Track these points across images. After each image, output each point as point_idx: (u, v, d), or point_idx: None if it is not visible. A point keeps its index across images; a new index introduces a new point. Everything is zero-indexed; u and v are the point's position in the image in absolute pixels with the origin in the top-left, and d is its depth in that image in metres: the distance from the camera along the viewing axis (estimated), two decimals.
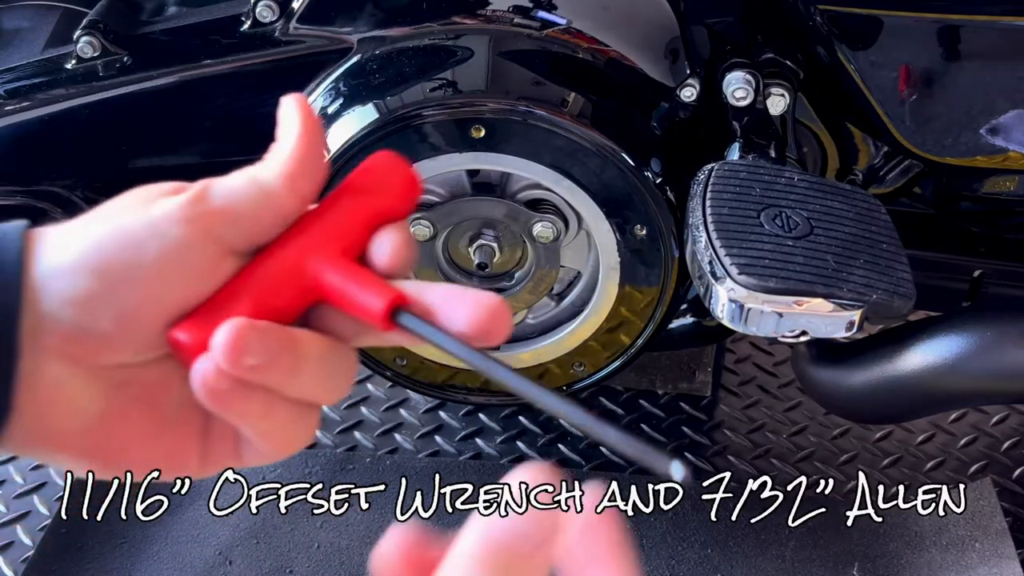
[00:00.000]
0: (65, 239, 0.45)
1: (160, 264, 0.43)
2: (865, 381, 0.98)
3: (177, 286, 0.44)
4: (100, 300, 0.43)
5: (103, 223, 0.45)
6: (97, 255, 0.43)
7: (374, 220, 0.49)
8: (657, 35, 1.02)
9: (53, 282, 0.43)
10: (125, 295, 0.43)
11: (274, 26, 1.01)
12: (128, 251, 0.43)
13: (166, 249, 0.44)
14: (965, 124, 0.96)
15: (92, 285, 0.43)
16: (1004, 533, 1.13)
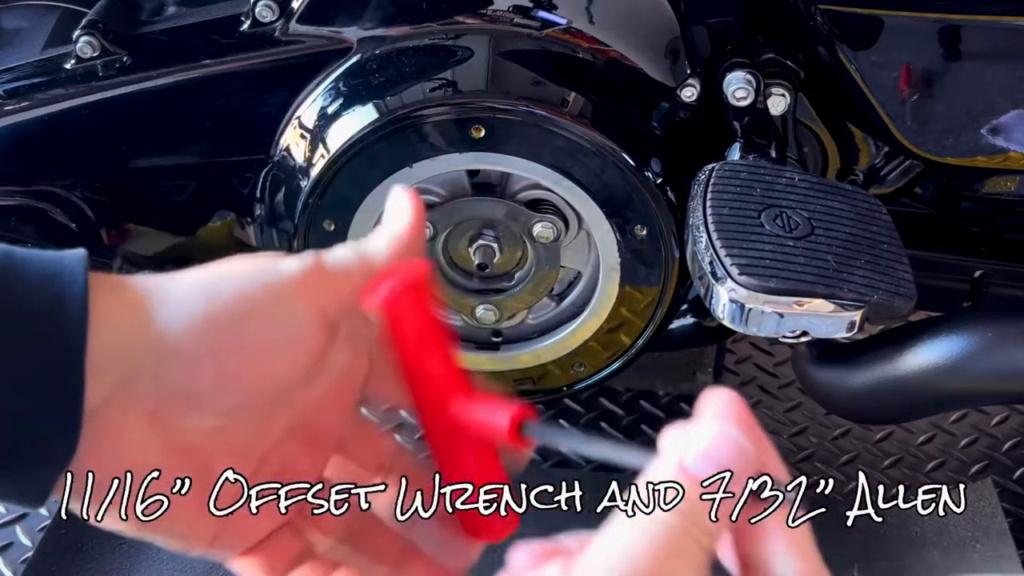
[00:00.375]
0: (181, 292, 0.43)
1: (275, 331, 0.43)
2: (866, 382, 0.98)
3: (284, 356, 0.44)
4: (208, 357, 0.42)
5: (221, 281, 0.44)
6: (215, 315, 0.42)
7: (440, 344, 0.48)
8: (657, 35, 1.02)
9: (168, 334, 0.42)
10: (234, 357, 0.43)
11: (274, 26, 1.01)
12: (248, 316, 0.43)
13: (284, 316, 0.43)
14: (966, 124, 0.96)
15: (207, 340, 0.42)
16: (1005, 534, 1.13)
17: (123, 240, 1.12)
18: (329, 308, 0.45)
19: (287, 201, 1.02)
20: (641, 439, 1.28)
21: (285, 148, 1.02)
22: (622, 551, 0.37)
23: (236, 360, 0.42)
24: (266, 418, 0.45)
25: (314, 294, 0.44)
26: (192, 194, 1.10)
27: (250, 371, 0.43)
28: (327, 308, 0.44)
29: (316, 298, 0.44)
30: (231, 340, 0.42)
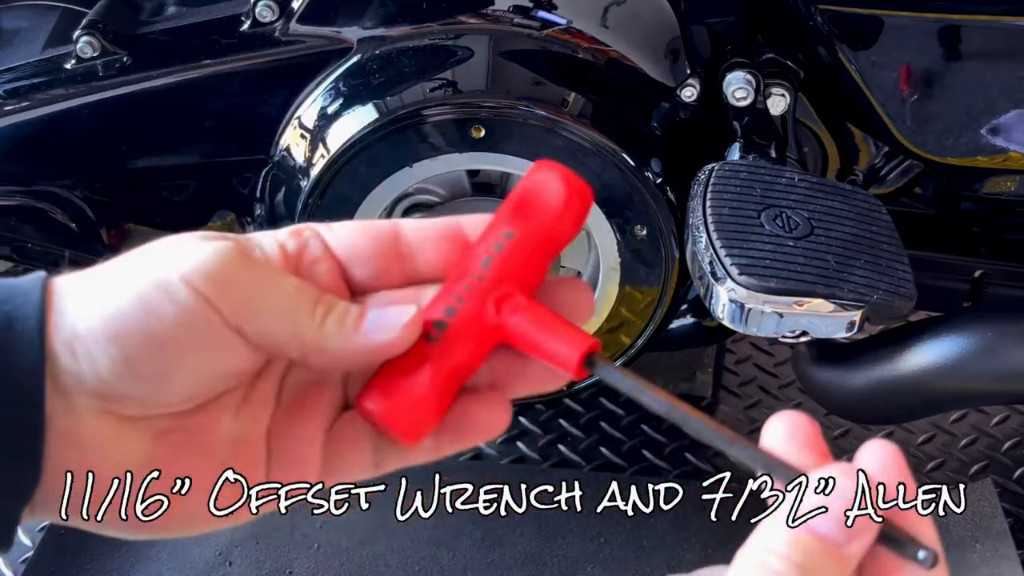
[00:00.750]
0: (87, 300, 0.42)
1: (179, 332, 0.41)
2: (866, 382, 0.98)
3: (202, 352, 0.42)
4: (124, 368, 0.41)
5: (123, 282, 0.42)
6: (114, 323, 0.41)
7: (549, 248, 0.45)
8: (657, 35, 1.02)
9: (78, 346, 0.41)
10: (148, 364, 0.41)
11: (274, 26, 1.01)
12: (145, 319, 0.41)
13: (182, 317, 0.41)
14: (966, 124, 0.96)
15: (114, 354, 0.41)
16: (1005, 534, 1.13)
17: (123, 240, 1.12)
18: (234, 322, 0.42)
19: (287, 201, 1.02)
20: (641, 439, 1.29)
21: (285, 148, 1.02)
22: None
23: (151, 363, 0.41)
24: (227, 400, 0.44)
25: (221, 304, 0.41)
26: (192, 194, 1.10)
27: (173, 368, 0.42)
28: (233, 322, 0.42)
29: (224, 311, 0.41)
30: (137, 344, 0.41)
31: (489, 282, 0.44)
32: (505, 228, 0.45)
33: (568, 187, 0.45)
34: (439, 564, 1.11)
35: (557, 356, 0.43)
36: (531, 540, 1.12)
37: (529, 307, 0.44)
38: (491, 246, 0.44)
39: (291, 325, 0.42)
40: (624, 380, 0.43)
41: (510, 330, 0.43)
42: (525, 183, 0.45)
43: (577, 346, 0.43)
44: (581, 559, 1.12)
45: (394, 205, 1.02)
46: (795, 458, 0.40)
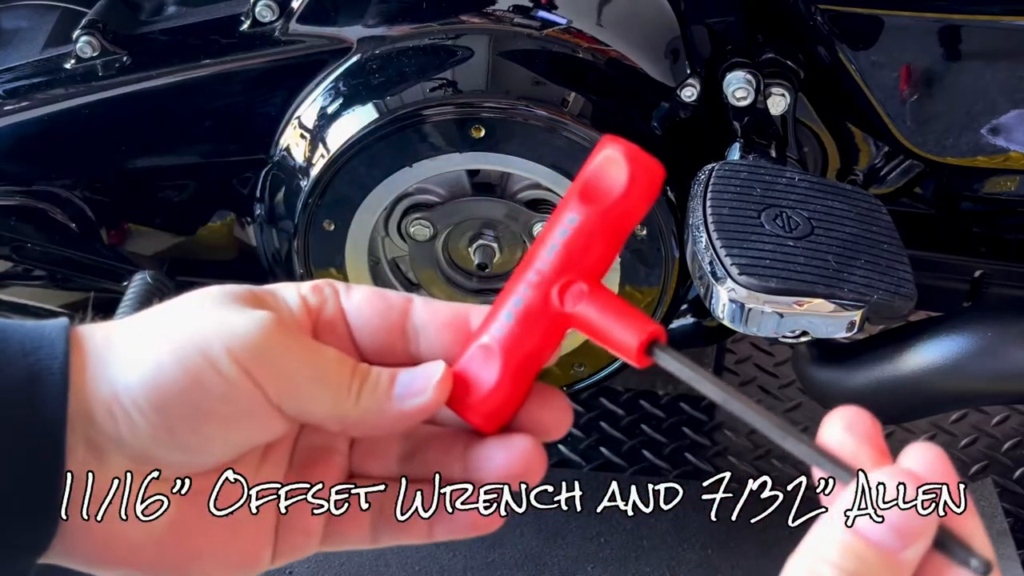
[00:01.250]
0: (128, 361, 0.41)
1: (223, 406, 0.41)
2: (866, 381, 0.98)
3: (242, 425, 0.42)
4: (165, 435, 0.41)
5: (165, 347, 0.41)
6: (158, 391, 0.41)
7: (615, 230, 0.44)
8: (657, 35, 1.02)
9: (117, 409, 0.41)
10: (189, 433, 0.41)
11: (274, 26, 1.01)
12: (191, 390, 0.41)
13: (228, 392, 0.41)
14: (966, 124, 0.96)
15: (156, 421, 0.41)
16: (1005, 533, 1.13)
17: (123, 240, 1.12)
18: (273, 398, 0.42)
19: (287, 201, 1.02)
20: (641, 439, 1.29)
21: (285, 148, 1.02)
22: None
23: (191, 435, 0.41)
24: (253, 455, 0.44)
25: (261, 379, 0.41)
26: (192, 194, 1.10)
27: (211, 439, 0.42)
28: (272, 398, 0.42)
29: (263, 385, 0.42)
30: (179, 416, 0.41)
31: (553, 271, 0.43)
32: (570, 213, 0.44)
33: (632, 164, 0.43)
34: (439, 564, 1.11)
35: (620, 344, 0.42)
36: (531, 540, 1.12)
37: (592, 294, 0.43)
38: (556, 232, 0.44)
39: (332, 403, 0.43)
40: (684, 370, 0.41)
41: (574, 318, 0.43)
42: (591, 163, 0.44)
43: (638, 334, 0.42)
44: (581, 559, 1.12)
45: (394, 205, 1.02)
46: (852, 454, 0.39)
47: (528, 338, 0.44)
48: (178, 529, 0.43)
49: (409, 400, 0.43)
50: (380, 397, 0.43)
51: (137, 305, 0.99)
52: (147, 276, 1.03)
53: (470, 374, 0.44)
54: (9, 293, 1.13)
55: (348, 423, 0.43)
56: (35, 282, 1.14)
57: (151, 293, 1.03)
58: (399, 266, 1.09)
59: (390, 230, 1.05)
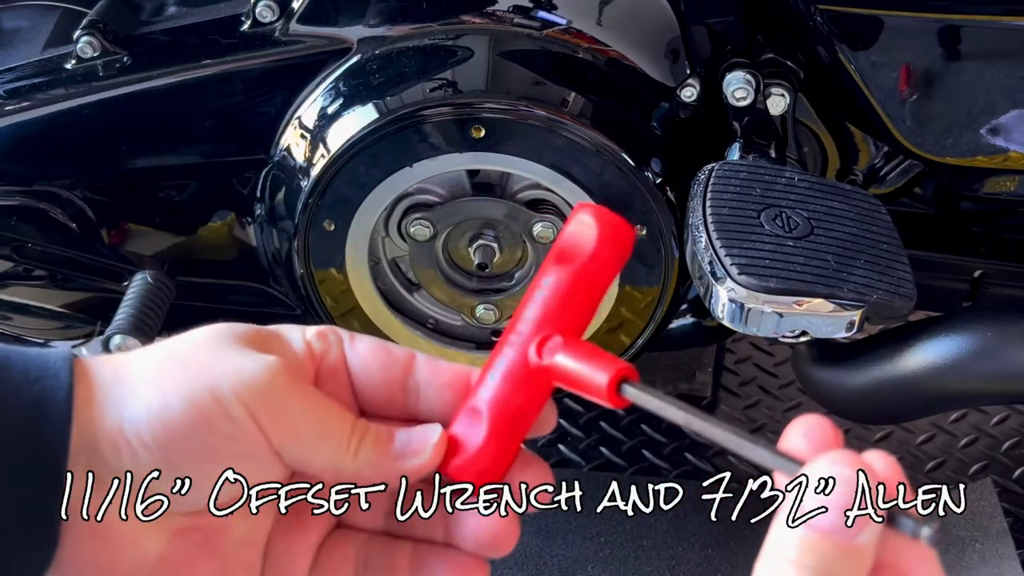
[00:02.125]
0: (136, 396, 0.42)
1: (226, 447, 0.42)
2: (865, 381, 0.98)
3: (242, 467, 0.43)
4: (167, 472, 0.42)
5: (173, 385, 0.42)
6: (165, 428, 0.41)
7: (589, 287, 0.47)
8: (657, 35, 1.02)
9: (123, 444, 0.41)
10: (191, 471, 0.42)
11: (274, 26, 1.01)
12: (197, 430, 0.42)
13: (234, 435, 0.42)
14: (965, 124, 0.96)
15: (160, 458, 0.41)
16: (1004, 533, 1.13)
17: (123, 240, 1.12)
18: (276, 444, 0.43)
19: (287, 201, 1.02)
20: (641, 439, 1.29)
21: (285, 148, 1.02)
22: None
23: (194, 472, 0.42)
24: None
25: (265, 425, 0.42)
26: (192, 194, 1.10)
27: (211, 477, 0.42)
28: (275, 444, 0.43)
29: (267, 431, 0.42)
30: (184, 455, 0.42)
31: (531, 329, 0.46)
32: (546, 275, 0.47)
33: (601, 225, 0.46)
34: None
35: (592, 387, 0.44)
36: (531, 540, 1.12)
37: (566, 345, 0.45)
38: (535, 294, 0.46)
39: (330, 456, 0.44)
40: (656, 402, 0.43)
41: (553, 371, 0.45)
42: (565, 229, 0.47)
43: (607, 374, 0.44)
44: (581, 559, 1.12)
45: (394, 205, 1.02)
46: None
47: (513, 397, 0.45)
48: (169, 561, 0.43)
49: (406, 460, 0.44)
50: (378, 454, 0.44)
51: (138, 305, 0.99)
52: (147, 276, 1.03)
53: (458, 436, 0.45)
54: (9, 293, 1.13)
55: (344, 477, 0.44)
56: (35, 282, 1.14)
57: (151, 293, 1.03)
58: (399, 266, 1.09)
59: (390, 230, 1.05)
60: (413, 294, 1.11)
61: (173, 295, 1.07)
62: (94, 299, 1.15)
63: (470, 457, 0.45)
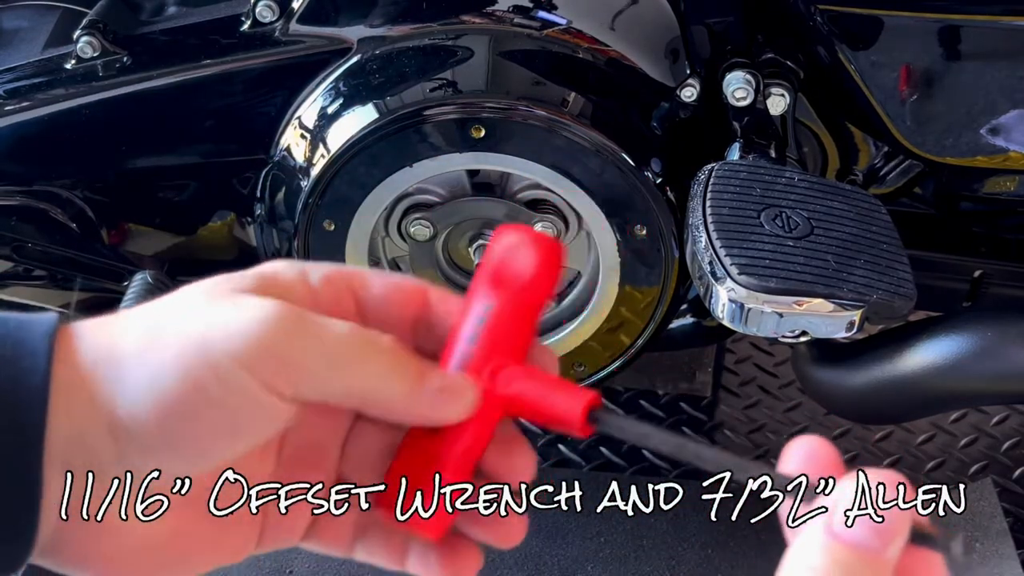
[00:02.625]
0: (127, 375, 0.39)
1: (232, 418, 0.40)
2: (865, 381, 0.98)
3: (248, 432, 0.41)
4: (168, 452, 0.40)
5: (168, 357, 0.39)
6: (162, 408, 0.39)
7: (530, 312, 0.46)
8: (657, 35, 1.02)
9: (120, 432, 0.39)
10: (192, 446, 0.40)
11: (274, 26, 1.01)
12: (197, 407, 0.39)
13: (239, 405, 0.40)
14: (965, 124, 0.96)
15: (160, 439, 0.39)
16: (1004, 533, 1.13)
17: (123, 240, 1.12)
18: (286, 390, 0.40)
19: (287, 201, 1.02)
20: None
21: (285, 148, 1.02)
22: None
23: (191, 444, 0.40)
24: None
25: (267, 375, 0.39)
26: (192, 194, 1.10)
27: (212, 446, 0.40)
28: (284, 390, 0.40)
29: (270, 381, 0.40)
30: (182, 428, 0.40)
31: (479, 359, 0.44)
32: (483, 302, 0.45)
33: (536, 247, 0.45)
34: None
35: (560, 418, 0.43)
36: (531, 540, 1.12)
37: (523, 374, 0.44)
38: (474, 321, 0.45)
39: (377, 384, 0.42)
40: (630, 429, 0.43)
41: (509, 401, 0.44)
42: (494, 251, 0.46)
43: (577, 403, 0.43)
44: (581, 559, 1.12)
45: (394, 205, 1.02)
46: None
47: (465, 430, 0.44)
48: (177, 536, 0.42)
49: (449, 406, 0.43)
50: (411, 378, 0.42)
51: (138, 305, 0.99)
52: (147, 276, 1.03)
53: (409, 474, 0.44)
54: (9, 293, 1.13)
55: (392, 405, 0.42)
56: (35, 282, 1.14)
57: (151, 293, 1.03)
58: (399, 266, 1.09)
59: (390, 230, 1.05)
60: None
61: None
62: (94, 299, 1.15)
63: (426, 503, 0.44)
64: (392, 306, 0.45)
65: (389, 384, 0.42)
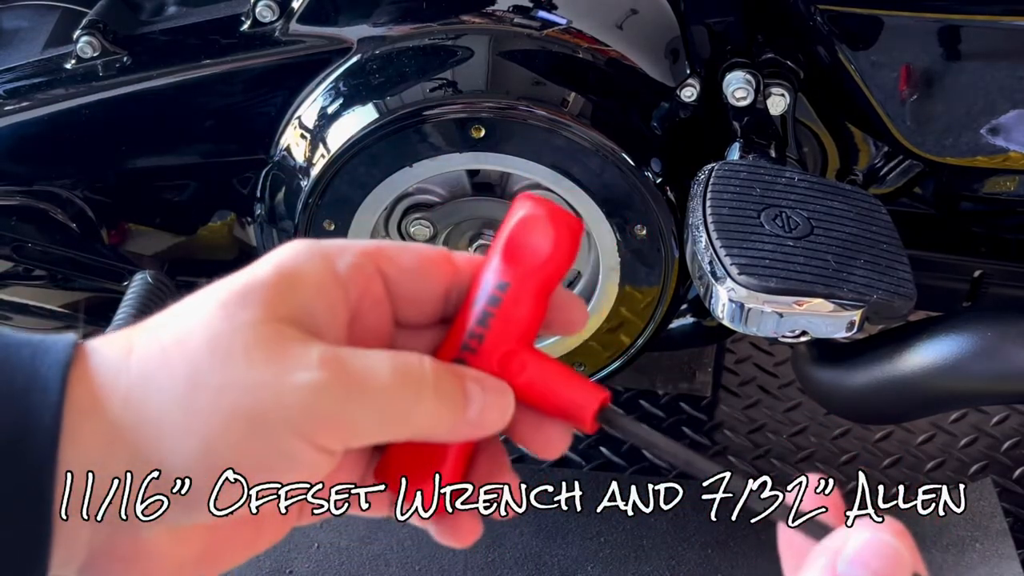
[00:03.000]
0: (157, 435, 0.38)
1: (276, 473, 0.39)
2: (865, 381, 0.98)
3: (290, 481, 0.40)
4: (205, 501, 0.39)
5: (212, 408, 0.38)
6: (207, 467, 0.38)
7: (545, 290, 0.43)
8: (657, 35, 1.02)
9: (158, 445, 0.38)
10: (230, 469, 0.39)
11: (274, 26, 1.01)
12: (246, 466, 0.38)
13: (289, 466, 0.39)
14: (965, 124, 0.96)
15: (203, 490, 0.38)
16: (1004, 533, 1.13)
17: (123, 240, 1.12)
18: (337, 447, 0.39)
19: (287, 201, 1.02)
20: None
21: (285, 148, 1.02)
22: None
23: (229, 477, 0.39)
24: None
25: (320, 439, 0.39)
26: (192, 194, 1.10)
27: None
28: (335, 448, 0.39)
29: (322, 443, 0.39)
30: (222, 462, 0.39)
31: (491, 341, 0.43)
32: (499, 278, 0.43)
33: (556, 224, 0.43)
34: (439, 564, 1.11)
35: (569, 412, 0.43)
36: (531, 540, 1.12)
37: (535, 364, 0.43)
38: (487, 299, 0.43)
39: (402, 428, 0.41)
40: (637, 433, 0.42)
41: (518, 389, 0.43)
42: (511, 223, 0.43)
43: (589, 402, 0.42)
44: (581, 559, 1.12)
45: (394, 205, 1.02)
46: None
47: None
48: (212, 549, 0.42)
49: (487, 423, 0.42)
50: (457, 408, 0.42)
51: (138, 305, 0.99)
52: (147, 276, 1.03)
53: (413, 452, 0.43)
54: (9, 293, 1.13)
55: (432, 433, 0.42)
56: (35, 282, 1.14)
57: (151, 293, 1.03)
58: None
59: (390, 230, 1.05)
60: None
61: (173, 295, 1.07)
62: (94, 299, 1.15)
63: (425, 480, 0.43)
64: (422, 281, 0.44)
65: (437, 421, 0.41)
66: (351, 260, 0.42)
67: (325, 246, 0.42)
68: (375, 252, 0.43)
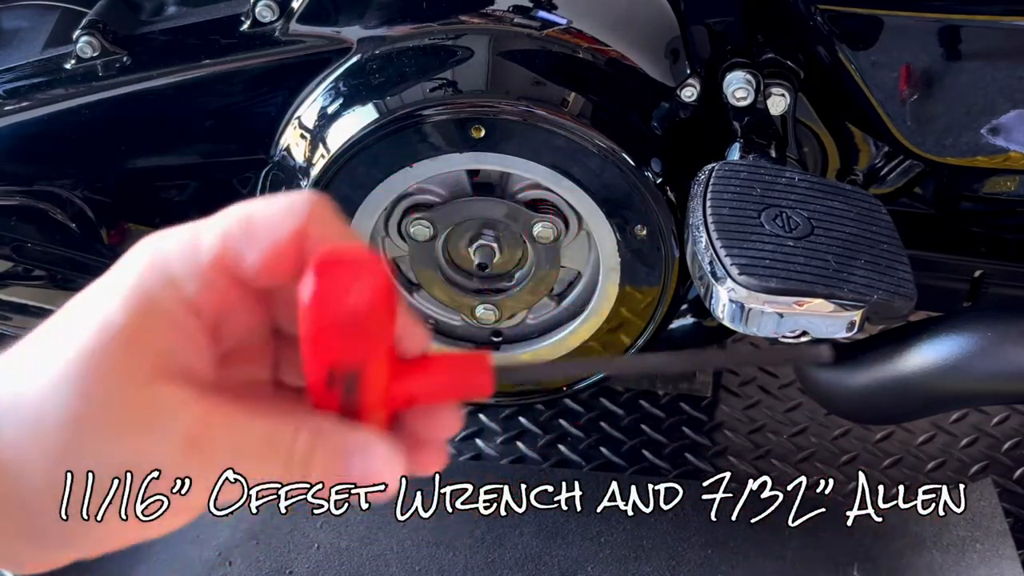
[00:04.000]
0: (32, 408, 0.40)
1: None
2: (866, 382, 0.98)
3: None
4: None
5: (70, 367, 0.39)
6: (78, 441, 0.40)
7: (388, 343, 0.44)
8: (657, 35, 1.02)
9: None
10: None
11: (274, 26, 1.01)
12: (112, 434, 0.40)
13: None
14: (965, 124, 0.96)
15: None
16: (1005, 534, 1.13)
17: (123, 240, 1.12)
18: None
19: None
20: (641, 439, 1.28)
21: (285, 148, 1.02)
22: None
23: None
24: None
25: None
26: (192, 194, 1.10)
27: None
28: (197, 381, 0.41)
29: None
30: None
31: (366, 394, 0.43)
32: (342, 360, 0.42)
33: (372, 289, 0.41)
34: (439, 564, 1.11)
35: (468, 392, 0.44)
36: (531, 540, 1.12)
37: (415, 376, 0.44)
38: (342, 380, 0.43)
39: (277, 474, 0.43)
40: (525, 372, 0.44)
41: (412, 400, 0.44)
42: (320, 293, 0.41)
43: (481, 376, 0.43)
44: (581, 559, 1.12)
45: (394, 205, 1.02)
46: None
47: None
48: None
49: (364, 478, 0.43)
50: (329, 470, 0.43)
51: None
52: None
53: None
54: (9, 293, 1.13)
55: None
56: (35, 282, 1.14)
57: None
58: (399, 266, 1.09)
59: (390, 230, 1.05)
60: (413, 294, 1.11)
61: None
62: None
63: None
64: (275, 275, 0.43)
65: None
66: (198, 283, 0.42)
67: (170, 269, 0.42)
68: (222, 258, 0.42)
